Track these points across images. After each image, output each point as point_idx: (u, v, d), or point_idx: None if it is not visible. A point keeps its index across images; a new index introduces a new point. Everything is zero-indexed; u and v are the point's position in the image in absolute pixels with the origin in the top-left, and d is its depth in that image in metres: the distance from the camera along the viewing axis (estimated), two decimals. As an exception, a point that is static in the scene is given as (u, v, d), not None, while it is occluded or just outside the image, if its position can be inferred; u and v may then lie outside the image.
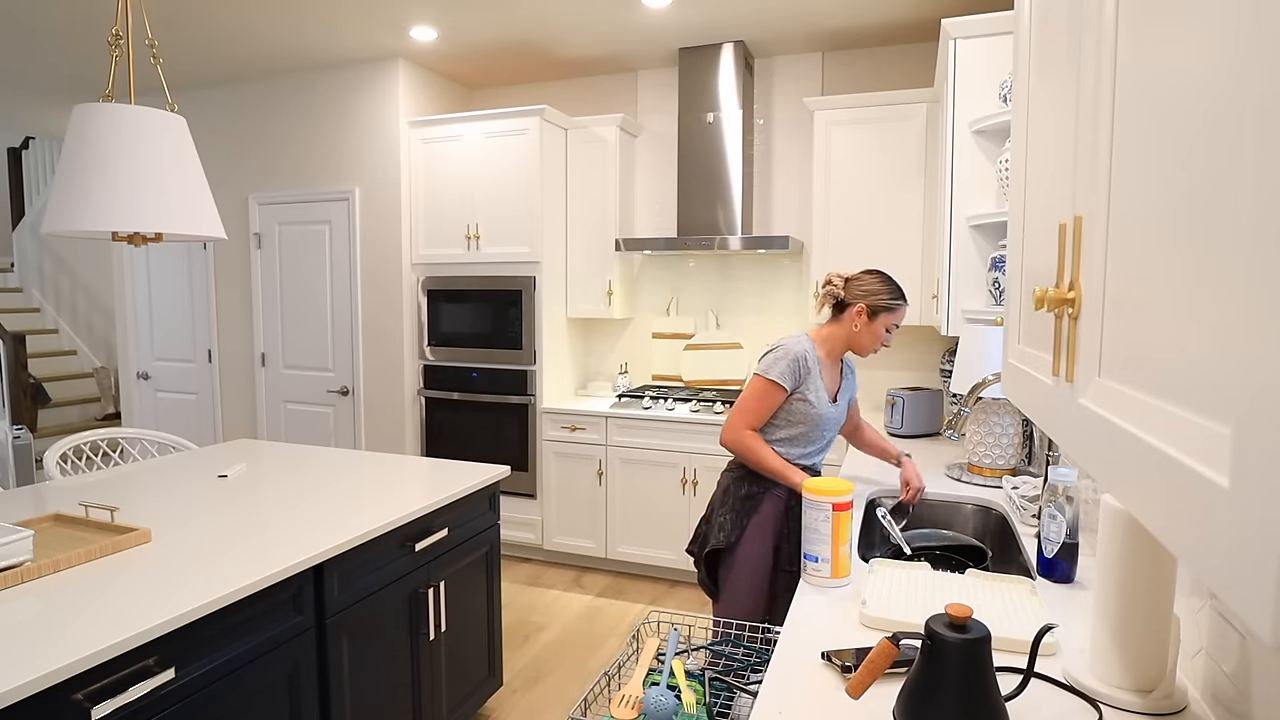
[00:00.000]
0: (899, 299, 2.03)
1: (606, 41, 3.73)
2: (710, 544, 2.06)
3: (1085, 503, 1.73)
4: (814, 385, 2.05)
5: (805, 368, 2.02)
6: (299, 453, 2.70)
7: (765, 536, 2.02)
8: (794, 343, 2.04)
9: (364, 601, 1.91)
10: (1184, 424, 0.44)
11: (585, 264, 4.04)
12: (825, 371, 2.09)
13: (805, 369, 2.02)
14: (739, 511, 2.04)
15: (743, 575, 2.00)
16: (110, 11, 3.34)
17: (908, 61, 3.70)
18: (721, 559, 2.07)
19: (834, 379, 2.13)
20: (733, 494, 2.06)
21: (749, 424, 2.02)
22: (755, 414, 2.02)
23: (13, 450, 4.57)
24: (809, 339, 2.08)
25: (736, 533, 2.02)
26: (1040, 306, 0.71)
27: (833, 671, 1.19)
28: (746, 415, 2.02)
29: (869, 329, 2.03)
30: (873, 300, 2.03)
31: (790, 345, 2.04)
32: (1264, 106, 0.35)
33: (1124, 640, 1.08)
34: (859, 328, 2.04)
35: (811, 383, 2.04)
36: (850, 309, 2.05)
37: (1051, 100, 0.86)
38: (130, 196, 1.84)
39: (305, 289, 4.33)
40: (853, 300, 2.05)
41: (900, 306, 2.04)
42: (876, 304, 2.02)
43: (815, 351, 2.06)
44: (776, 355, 2.03)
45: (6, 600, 1.43)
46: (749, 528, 2.02)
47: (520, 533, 3.99)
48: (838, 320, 2.09)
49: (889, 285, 2.04)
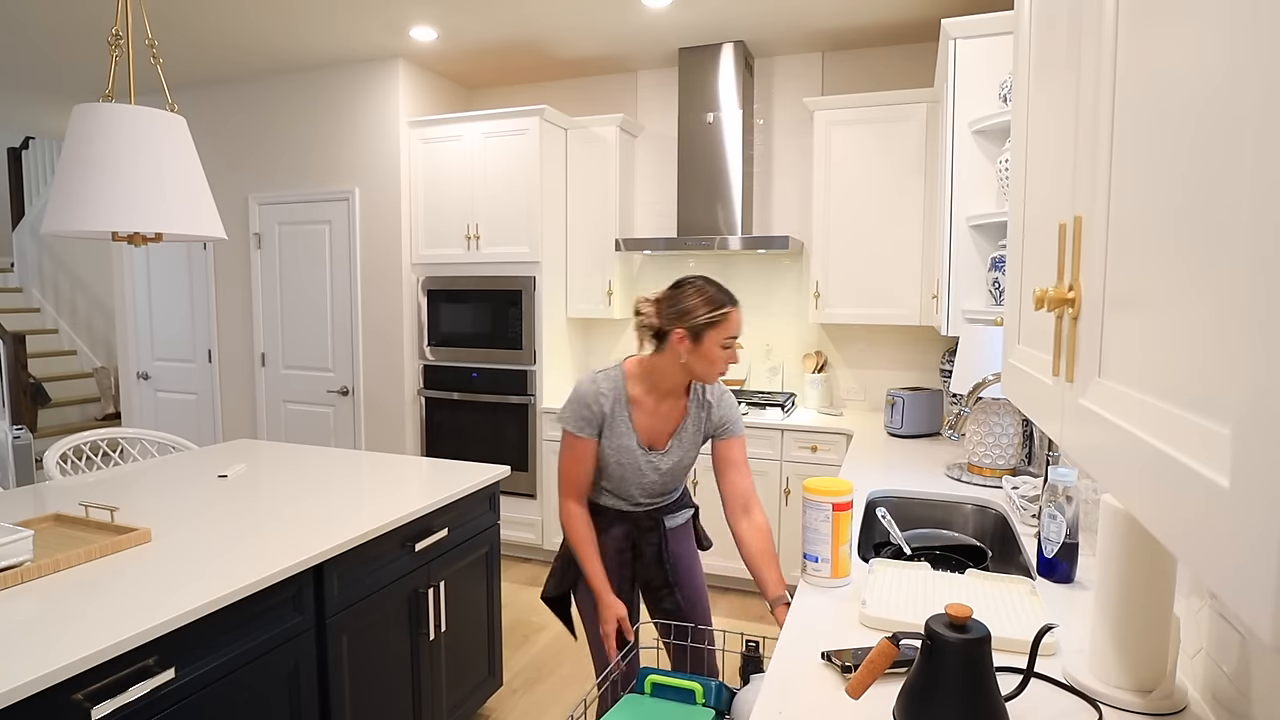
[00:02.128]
0: (722, 308, 1.68)
1: (606, 41, 3.73)
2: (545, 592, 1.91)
3: (1085, 503, 1.73)
4: (615, 428, 1.76)
5: (600, 409, 1.74)
6: (299, 453, 2.70)
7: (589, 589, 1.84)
8: (587, 382, 1.77)
9: (364, 601, 1.91)
10: (1184, 424, 0.44)
11: (585, 264, 4.04)
12: (643, 410, 1.78)
13: (600, 410, 1.75)
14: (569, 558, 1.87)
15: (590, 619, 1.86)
16: (110, 11, 3.34)
17: (908, 61, 3.70)
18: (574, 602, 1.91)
19: (665, 417, 1.80)
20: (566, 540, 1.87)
21: (571, 493, 1.80)
22: (571, 476, 1.79)
23: (13, 450, 4.57)
24: (620, 371, 1.79)
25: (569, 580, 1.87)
26: (1040, 306, 0.71)
27: (833, 671, 1.19)
28: (565, 482, 1.79)
29: (699, 354, 1.69)
30: (690, 321, 1.68)
31: (581, 385, 1.77)
32: (1262, 107, 0.35)
33: (1124, 640, 1.08)
34: (685, 356, 1.70)
35: (612, 425, 1.76)
36: (670, 336, 1.71)
37: (1051, 100, 0.86)
38: (130, 196, 1.84)
39: (305, 289, 4.33)
40: (669, 326, 1.71)
41: (726, 316, 1.68)
42: (695, 324, 1.67)
43: (624, 387, 1.77)
44: (571, 399, 1.77)
45: (6, 600, 1.43)
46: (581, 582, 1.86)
47: (520, 533, 3.99)
48: (660, 351, 1.75)
49: (706, 295, 1.69)
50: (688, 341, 1.68)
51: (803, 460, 3.40)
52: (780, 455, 3.43)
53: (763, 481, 3.48)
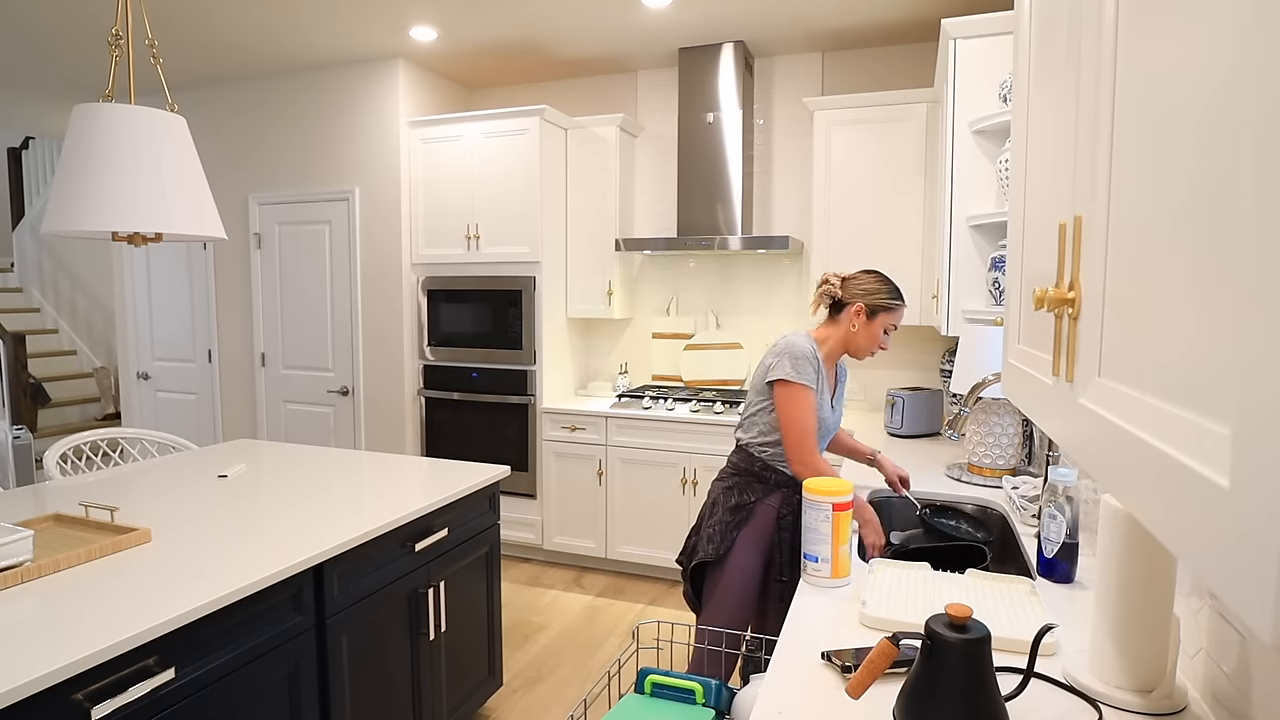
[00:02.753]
0: (898, 299, 1.98)
1: (606, 41, 3.73)
2: (697, 556, 1.98)
3: (1085, 503, 1.73)
4: (821, 387, 1.98)
5: (816, 366, 1.95)
6: (299, 453, 2.70)
7: (755, 549, 1.95)
8: (801, 341, 1.96)
9: (364, 601, 1.91)
10: (1184, 424, 0.44)
11: (585, 264, 4.04)
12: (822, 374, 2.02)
13: (816, 368, 1.95)
14: (728, 523, 1.96)
15: (728, 590, 1.93)
16: (110, 11, 3.33)
17: (908, 61, 3.70)
18: (708, 571, 1.99)
19: (831, 382, 2.08)
20: (721, 505, 2.00)
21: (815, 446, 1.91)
22: (811, 428, 1.91)
23: (13, 450, 4.57)
24: (810, 338, 1.99)
25: (726, 545, 1.94)
26: (1040, 306, 0.71)
27: (833, 671, 1.19)
28: (806, 437, 1.90)
29: (867, 329, 1.97)
30: (871, 299, 1.96)
31: (799, 344, 1.95)
32: (1263, 106, 0.35)
33: (1124, 640, 1.08)
34: (857, 328, 1.97)
35: (820, 384, 1.97)
36: (848, 309, 1.98)
37: (1051, 100, 0.86)
38: (130, 196, 1.84)
39: (305, 289, 4.33)
40: (850, 299, 1.98)
41: (899, 306, 1.98)
42: (875, 303, 1.96)
43: (818, 351, 2.00)
44: (792, 355, 1.93)
45: (6, 600, 1.43)
46: (738, 540, 1.95)
47: (520, 533, 3.99)
48: (834, 321, 2.02)
49: (887, 285, 1.98)
50: (863, 316, 1.96)
51: (803, 460, 3.40)
52: (780, 455, 3.43)
53: (763, 481, 3.48)
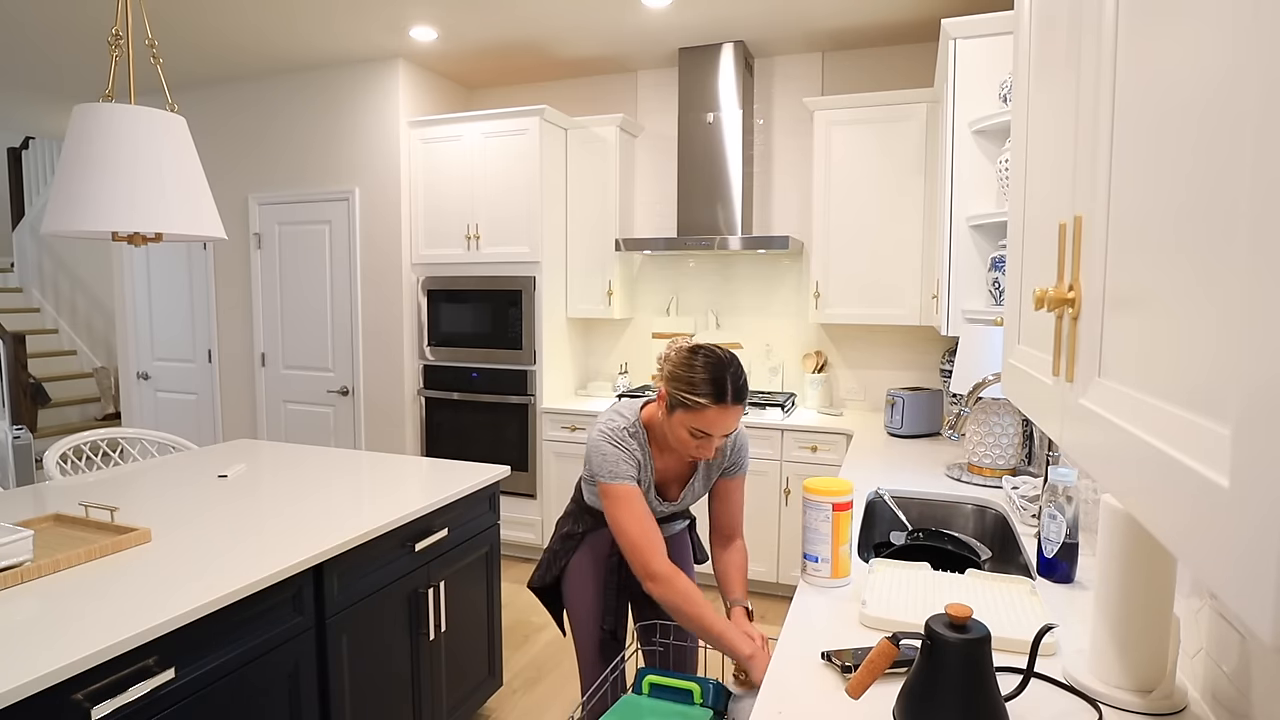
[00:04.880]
0: (702, 398, 1.46)
1: (606, 41, 3.73)
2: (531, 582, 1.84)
3: (1085, 503, 1.73)
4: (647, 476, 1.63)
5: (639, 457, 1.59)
6: (299, 453, 2.70)
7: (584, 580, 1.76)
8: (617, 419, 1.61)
9: (364, 601, 1.91)
10: (1184, 424, 0.44)
11: (585, 264, 4.04)
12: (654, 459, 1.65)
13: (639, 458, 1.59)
14: (556, 551, 1.79)
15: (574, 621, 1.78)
16: (110, 11, 3.33)
17: (908, 61, 3.70)
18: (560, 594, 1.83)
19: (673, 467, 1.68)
20: (556, 532, 1.82)
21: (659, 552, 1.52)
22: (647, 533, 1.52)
23: (13, 450, 4.57)
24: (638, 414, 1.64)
25: (553, 574, 1.79)
26: (1040, 306, 0.71)
27: (833, 671, 1.19)
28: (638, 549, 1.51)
29: (669, 424, 1.54)
30: (671, 388, 1.51)
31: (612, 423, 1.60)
32: (1263, 106, 0.35)
33: (1124, 640, 1.08)
34: (663, 417, 1.55)
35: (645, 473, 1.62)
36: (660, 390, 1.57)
37: (1051, 100, 0.86)
38: (130, 196, 1.84)
39: (305, 289, 4.33)
40: (659, 382, 1.56)
41: (702, 409, 1.47)
42: (673, 395, 1.51)
43: (643, 430, 1.62)
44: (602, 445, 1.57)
45: (6, 600, 1.43)
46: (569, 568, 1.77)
47: (520, 533, 3.99)
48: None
49: (702, 373, 1.47)
50: (665, 406, 1.54)
51: (803, 460, 3.40)
52: (780, 455, 3.43)
53: (763, 481, 3.48)
